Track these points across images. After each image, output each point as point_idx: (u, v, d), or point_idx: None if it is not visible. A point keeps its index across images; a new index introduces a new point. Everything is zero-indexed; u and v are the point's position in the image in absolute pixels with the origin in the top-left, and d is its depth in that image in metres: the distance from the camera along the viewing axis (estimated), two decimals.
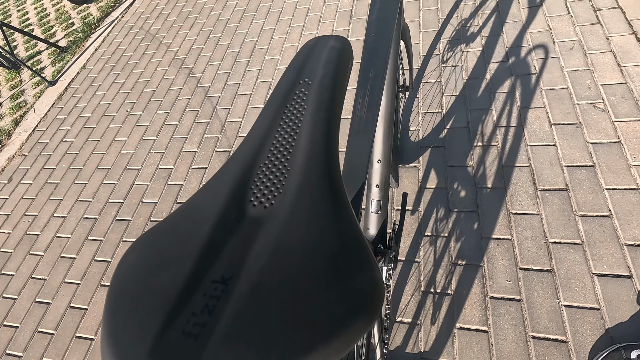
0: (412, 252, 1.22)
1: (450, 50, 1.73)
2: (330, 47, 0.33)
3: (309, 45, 0.34)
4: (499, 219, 1.21)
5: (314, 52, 0.32)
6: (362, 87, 0.58)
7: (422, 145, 1.46)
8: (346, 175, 0.53)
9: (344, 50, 0.33)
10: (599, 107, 1.35)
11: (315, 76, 0.30)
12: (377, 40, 0.61)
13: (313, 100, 0.28)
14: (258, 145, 0.27)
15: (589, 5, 1.66)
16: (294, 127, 0.27)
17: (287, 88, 0.30)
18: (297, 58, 0.32)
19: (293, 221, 0.22)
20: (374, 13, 0.65)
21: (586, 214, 1.14)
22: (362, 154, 0.53)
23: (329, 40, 0.34)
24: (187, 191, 1.64)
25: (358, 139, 0.54)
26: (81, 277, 1.50)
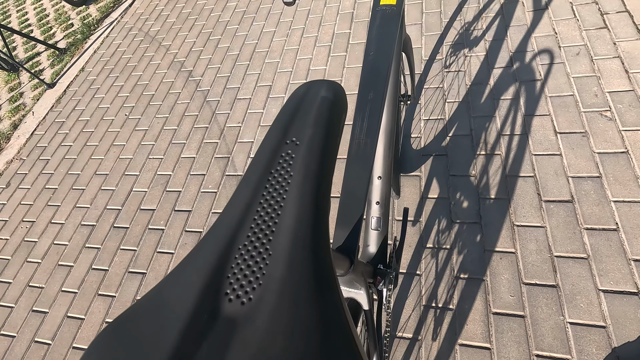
0: (413, 265, 1.20)
1: (453, 55, 1.70)
2: (321, 100, 0.30)
3: (298, 95, 0.31)
4: (502, 231, 1.18)
5: (303, 105, 0.29)
6: (361, 110, 0.56)
7: (424, 154, 1.43)
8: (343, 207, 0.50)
9: (337, 102, 0.30)
10: (605, 116, 1.32)
11: (303, 136, 0.27)
12: (376, 59, 0.59)
13: (300, 166, 0.25)
14: (237, 222, 0.24)
15: (595, 8, 1.62)
16: (278, 200, 0.24)
17: (271, 150, 0.27)
18: (283, 112, 0.29)
19: (274, 329, 0.20)
20: (374, 30, 0.62)
21: (592, 227, 1.12)
22: (360, 184, 0.51)
23: (320, 89, 0.30)
24: (186, 198, 1.62)
25: (356, 167, 0.52)
26: (78, 286, 1.49)
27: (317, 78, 1.85)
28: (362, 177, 0.51)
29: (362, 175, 0.51)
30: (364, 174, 0.51)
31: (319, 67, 1.90)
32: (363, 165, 0.51)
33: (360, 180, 0.51)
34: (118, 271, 1.48)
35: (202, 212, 1.54)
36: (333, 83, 0.31)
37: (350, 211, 0.49)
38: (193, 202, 1.59)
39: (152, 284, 1.40)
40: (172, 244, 1.49)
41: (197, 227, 1.51)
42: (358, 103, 0.57)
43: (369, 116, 0.54)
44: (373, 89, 0.57)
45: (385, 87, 0.57)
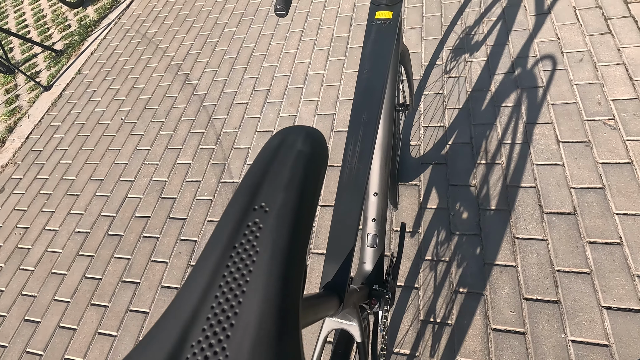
0: (411, 278, 1.17)
1: (454, 60, 1.67)
2: (296, 155, 0.26)
3: (270, 149, 0.27)
4: (502, 243, 1.15)
5: (275, 162, 0.26)
6: (354, 134, 0.53)
7: (423, 162, 1.40)
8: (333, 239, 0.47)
9: (315, 157, 0.26)
10: (609, 125, 1.29)
11: (273, 201, 0.24)
12: (371, 78, 0.56)
13: (268, 241, 0.22)
14: (190, 313, 0.21)
15: (599, 13, 1.58)
16: (240, 284, 0.21)
17: (236, 219, 0.24)
18: (253, 170, 0.26)
19: None
20: (368, 45, 0.59)
21: (595, 240, 1.09)
22: (351, 214, 0.48)
23: (295, 141, 0.27)
24: (181, 205, 1.59)
25: (347, 196, 0.49)
26: (71, 295, 1.46)
27: (314, 84, 1.82)
28: (353, 206, 0.48)
29: (354, 204, 0.48)
30: (355, 203, 0.48)
31: (317, 71, 1.87)
32: (355, 193, 0.48)
33: (352, 210, 0.48)
34: (111, 280, 1.46)
35: (197, 220, 1.52)
36: (311, 132, 0.28)
37: (341, 244, 0.46)
38: (188, 209, 1.57)
39: (145, 294, 1.38)
40: (167, 253, 1.46)
41: (192, 235, 1.48)
42: (351, 125, 0.54)
43: (361, 140, 0.52)
44: (367, 110, 0.54)
45: (380, 109, 0.54)
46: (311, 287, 1.23)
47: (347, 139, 0.53)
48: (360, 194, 0.49)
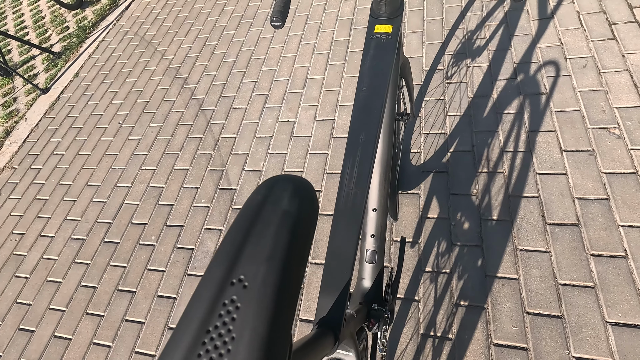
0: (411, 290, 1.15)
1: (455, 65, 1.64)
2: (281, 217, 0.23)
3: (251, 209, 0.24)
4: (504, 255, 1.13)
5: (257, 225, 0.23)
6: (351, 155, 0.50)
7: (424, 170, 1.38)
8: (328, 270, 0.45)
9: (303, 219, 0.23)
10: (613, 133, 1.26)
11: (254, 275, 0.21)
12: (369, 96, 0.53)
13: (246, 326, 0.19)
14: None
15: (603, 18, 1.56)
16: None
17: (210, 297, 0.21)
18: (231, 236, 0.23)
19: None
20: (367, 61, 0.57)
21: (599, 253, 1.06)
22: (348, 243, 0.45)
23: (281, 199, 0.24)
24: (178, 212, 1.57)
25: (344, 223, 0.46)
26: (66, 304, 1.44)
27: (313, 89, 1.79)
28: (350, 234, 0.46)
29: (351, 232, 0.46)
30: (352, 231, 0.46)
31: (317, 75, 1.85)
32: (352, 220, 0.46)
33: (349, 239, 0.46)
34: (107, 289, 1.44)
35: (195, 228, 1.50)
36: (299, 186, 0.25)
37: (336, 276, 0.44)
38: (185, 216, 1.55)
39: (141, 304, 1.35)
40: (163, 261, 1.44)
41: (189, 244, 1.46)
42: (348, 146, 0.52)
43: (359, 162, 0.49)
44: (365, 130, 0.51)
45: (379, 129, 0.51)
46: (310, 298, 1.21)
47: (344, 161, 0.51)
48: (358, 221, 0.47)
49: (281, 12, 0.66)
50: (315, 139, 1.61)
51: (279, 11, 0.66)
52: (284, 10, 0.66)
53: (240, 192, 1.55)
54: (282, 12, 0.66)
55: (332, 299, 0.43)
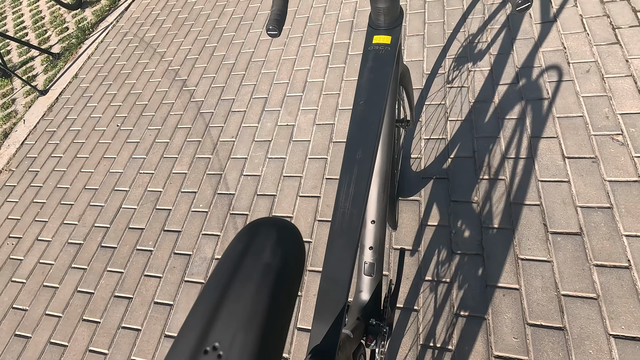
0: (411, 299, 1.13)
1: (456, 69, 1.62)
2: (262, 272, 0.21)
3: (230, 260, 0.21)
4: (505, 264, 1.11)
5: (235, 283, 0.21)
6: (347, 172, 0.49)
7: (424, 176, 1.36)
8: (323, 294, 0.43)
9: (287, 273, 0.21)
10: (617, 140, 1.24)
11: (230, 343, 0.18)
12: (367, 110, 0.52)
13: None
14: None
15: (607, 22, 1.54)
16: None
17: None
18: (206, 295, 0.21)
19: None
20: (365, 73, 0.55)
21: (602, 263, 1.04)
22: (344, 264, 0.44)
23: (262, 250, 0.21)
24: (176, 217, 1.55)
25: (339, 244, 0.45)
26: (63, 310, 1.43)
27: (313, 92, 1.78)
28: (346, 257, 0.44)
29: (346, 255, 0.44)
30: (348, 253, 0.44)
31: (317, 79, 1.83)
32: (347, 242, 0.44)
33: (344, 262, 0.44)
34: (104, 295, 1.42)
35: (192, 234, 1.48)
36: (284, 234, 0.23)
37: (331, 300, 0.43)
38: (183, 222, 1.53)
39: (137, 310, 1.34)
40: (160, 267, 1.43)
41: (186, 249, 1.45)
42: (344, 164, 0.50)
43: (356, 180, 0.48)
44: (362, 146, 0.50)
45: (376, 145, 0.50)
46: (308, 307, 1.19)
47: (340, 179, 0.49)
48: (354, 242, 0.45)
49: (277, 20, 0.64)
50: (314, 143, 1.60)
51: (275, 20, 0.64)
52: (280, 19, 0.64)
53: (239, 197, 1.53)
54: (278, 20, 0.64)
55: (326, 326, 0.42)
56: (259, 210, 1.46)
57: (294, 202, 1.45)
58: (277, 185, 1.51)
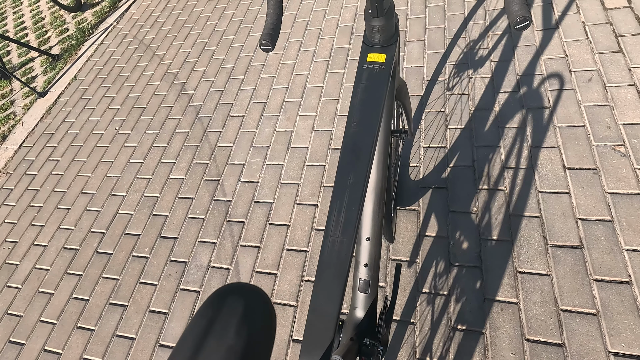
0: (407, 312, 1.11)
1: (457, 76, 1.61)
2: (225, 355, 0.21)
3: (190, 342, 0.20)
4: (504, 277, 1.10)
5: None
6: (338, 199, 0.47)
7: (423, 185, 1.34)
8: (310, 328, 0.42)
9: (253, 354, 0.19)
10: (619, 151, 1.22)
11: None
12: (359, 133, 0.50)
13: None
14: None
15: (609, 30, 1.52)
16: None
17: None
18: None
19: None
20: (358, 94, 0.54)
21: (603, 278, 1.03)
22: (332, 297, 0.42)
23: (227, 328, 0.19)
24: (172, 224, 1.54)
25: (328, 274, 0.43)
26: (57, 317, 1.42)
27: (312, 98, 1.76)
28: (334, 289, 0.42)
29: (335, 287, 0.43)
30: (337, 285, 0.43)
31: (316, 84, 1.81)
32: (337, 273, 0.43)
33: (333, 295, 0.42)
34: (99, 302, 1.41)
35: (188, 241, 1.47)
36: (252, 306, 0.21)
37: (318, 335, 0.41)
38: (179, 228, 1.52)
39: (132, 319, 1.33)
40: (156, 275, 1.42)
41: (182, 256, 1.43)
42: (335, 189, 0.48)
43: (347, 207, 0.46)
44: (353, 171, 0.48)
45: (368, 170, 0.48)
46: (305, 317, 1.18)
47: (330, 205, 0.47)
48: (343, 274, 0.43)
49: (271, 35, 0.63)
50: (312, 150, 1.58)
51: (268, 34, 0.63)
52: (274, 33, 0.63)
53: (236, 204, 1.52)
54: (272, 35, 0.63)
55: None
56: (256, 218, 1.45)
57: (292, 209, 1.43)
58: (275, 193, 1.50)
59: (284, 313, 1.20)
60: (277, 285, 1.26)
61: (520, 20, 0.52)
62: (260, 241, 1.38)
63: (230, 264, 1.36)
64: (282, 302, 1.22)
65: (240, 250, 1.38)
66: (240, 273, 1.32)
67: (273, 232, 1.39)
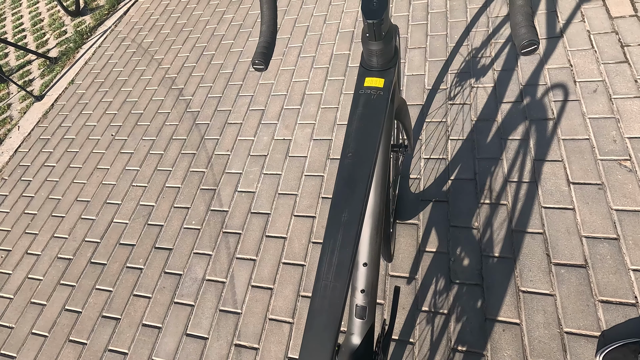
0: (406, 331, 1.08)
1: (459, 85, 1.57)
2: None
3: None
4: (506, 296, 1.07)
5: None
6: (331, 238, 0.44)
7: (423, 199, 1.31)
8: None
9: None
10: (625, 166, 1.19)
11: None
12: (355, 165, 0.47)
13: None
14: None
15: (615, 39, 1.48)
16: None
17: None
18: None
19: None
20: (354, 122, 0.50)
21: (608, 299, 1.00)
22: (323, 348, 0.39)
23: None
24: (167, 234, 1.51)
25: (319, 323, 0.40)
26: (49, 329, 1.39)
27: (311, 106, 1.73)
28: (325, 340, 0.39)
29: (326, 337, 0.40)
30: (328, 335, 0.40)
31: (315, 91, 1.78)
32: (329, 321, 0.40)
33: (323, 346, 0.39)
34: (91, 315, 1.38)
35: (184, 252, 1.44)
36: None
37: None
38: (175, 239, 1.49)
39: (125, 332, 1.30)
40: (150, 287, 1.39)
41: (177, 269, 1.40)
42: (329, 226, 0.45)
43: (340, 247, 0.43)
44: (348, 207, 0.45)
45: (364, 206, 0.45)
46: (299, 336, 1.15)
47: (323, 244, 0.44)
48: (336, 323, 0.40)
49: (264, 54, 0.60)
50: (311, 159, 1.55)
51: (262, 53, 0.60)
52: (267, 52, 0.60)
53: (232, 214, 1.49)
54: (265, 54, 0.60)
55: None
56: (253, 229, 1.42)
57: (289, 221, 1.40)
58: (272, 203, 1.47)
59: (280, 330, 1.17)
60: (273, 301, 1.23)
61: (527, 44, 0.49)
62: (256, 254, 1.35)
63: (226, 277, 1.33)
64: (277, 318, 1.19)
65: (235, 262, 1.35)
66: (235, 287, 1.29)
67: (270, 245, 1.36)
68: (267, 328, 1.18)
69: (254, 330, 1.19)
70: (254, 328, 1.19)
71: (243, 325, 1.20)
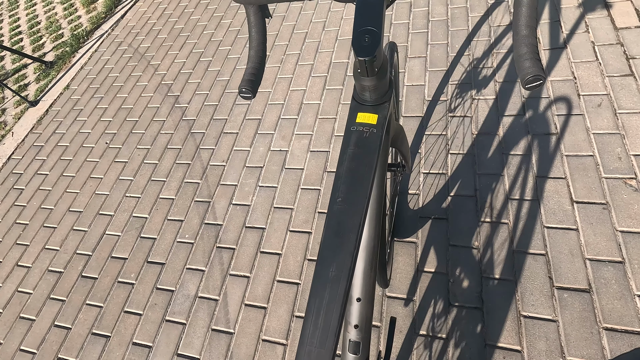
0: (403, 356, 1.05)
1: (459, 97, 1.54)
2: None
3: None
4: (507, 321, 1.03)
5: None
6: (316, 296, 0.40)
7: (422, 215, 1.28)
8: None
9: None
10: (630, 185, 1.15)
11: None
12: (345, 212, 0.43)
13: None
14: None
15: (620, 51, 1.45)
16: None
17: None
18: None
19: None
20: (345, 161, 0.46)
21: (613, 327, 0.96)
22: None
23: None
24: (160, 248, 1.48)
25: None
26: (38, 346, 1.36)
27: (309, 116, 1.69)
28: None
29: None
30: None
31: (313, 101, 1.75)
32: None
33: None
34: (81, 331, 1.35)
35: (176, 267, 1.40)
36: None
37: None
38: (167, 253, 1.45)
39: (115, 351, 1.26)
40: (141, 303, 1.35)
41: (169, 284, 1.37)
42: (315, 282, 0.42)
43: (326, 308, 0.39)
44: (337, 260, 0.42)
45: (354, 259, 0.42)
46: (293, 357, 1.12)
47: (308, 303, 0.41)
48: None
49: (252, 81, 0.56)
50: (307, 172, 1.51)
51: (249, 80, 0.56)
52: (255, 80, 0.56)
53: (226, 228, 1.45)
54: (253, 81, 0.56)
55: None
56: (247, 245, 1.38)
57: (284, 237, 1.37)
58: (267, 217, 1.43)
59: (273, 352, 1.13)
60: (266, 321, 1.19)
61: (532, 79, 0.45)
62: (250, 270, 1.32)
63: (219, 294, 1.29)
64: (271, 339, 1.16)
65: (229, 279, 1.32)
66: (228, 305, 1.26)
67: (264, 261, 1.32)
68: (260, 349, 1.15)
69: (246, 351, 1.15)
70: (246, 349, 1.16)
71: (235, 346, 1.17)
